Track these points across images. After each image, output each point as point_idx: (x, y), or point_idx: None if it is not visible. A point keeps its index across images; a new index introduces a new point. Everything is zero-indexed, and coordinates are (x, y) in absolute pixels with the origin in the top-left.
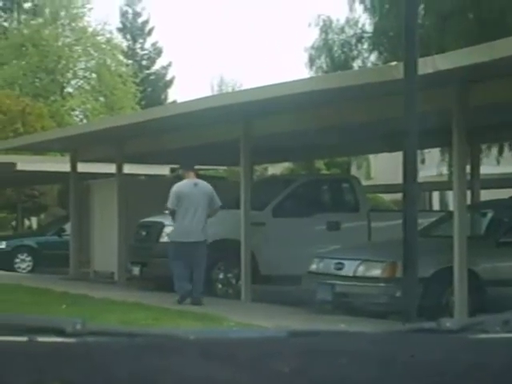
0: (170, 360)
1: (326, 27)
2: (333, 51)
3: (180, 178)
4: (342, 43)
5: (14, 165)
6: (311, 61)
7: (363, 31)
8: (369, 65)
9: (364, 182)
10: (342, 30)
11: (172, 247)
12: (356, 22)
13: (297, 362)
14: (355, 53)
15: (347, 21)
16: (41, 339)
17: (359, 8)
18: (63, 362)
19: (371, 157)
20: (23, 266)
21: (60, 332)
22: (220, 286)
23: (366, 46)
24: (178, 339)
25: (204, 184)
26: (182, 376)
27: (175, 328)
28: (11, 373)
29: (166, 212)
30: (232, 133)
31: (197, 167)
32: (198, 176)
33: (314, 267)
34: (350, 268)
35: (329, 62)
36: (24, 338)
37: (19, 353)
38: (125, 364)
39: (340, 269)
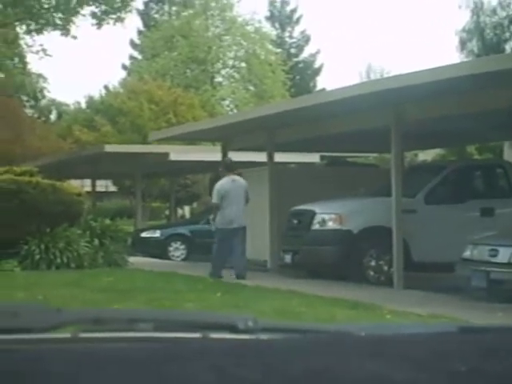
0: (343, 357)
1: (478, 9)
2: (484, 34)
3: (330, 165)
4: (494, 25)
5: (167, 155)
6: (462, 44)
7: None
8: None
9: None
10: (494, 11)
11: (218, 233)
12: (509, 4)
13: (473, 361)
14: (508, 35)
15: (499, 2)
16: (214, 336)
17: None
18: (237, 360)
19: None
20: (177, 254)
21: (232, 328)
22: (372, 273)
23: None
24: (350, 336)
25: (241, 180)
26: (357, 373)
27: (347, 324)
28: (188, 370)
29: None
30: (382, 119)
31: (347, 154)
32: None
33: (467, 254)
34: (504, 254)
35: (480, 45)
36: (198, 335)
37: (193, 350)
38: (299, 362)
39: (495, 255)
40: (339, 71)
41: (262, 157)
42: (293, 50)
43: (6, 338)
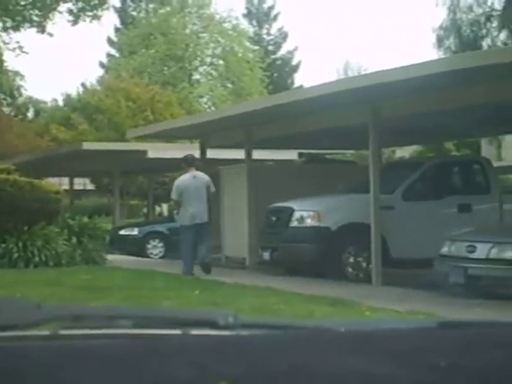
0: (323, 352)
1: (454, 6)
2: (461, 31)
3: (308, 162)
4: (470, 22)
5: (145, 152)
6: (439, 41)
7: (492, 9)
8: (498, 44)
9: (495, 164)
10: (471, 8)
11: (182, 229)
12: (485, 0)
13: (453, 356)
14: (484, 32)
15: None
16: (194, 332)
17: None
18: (218, 355)
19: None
20: (155, 251)
21: (213, 325)
22: (350, 269)
23: (495, 24)
24: (329, 331)
25: (202, 176)
26: (337, 369)
27: (326, 320)
28: (168, 366)
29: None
30: (360, 116)
31: (325, 151)
32: (197, 169)
33: (445, 250)
34: (482, 250)
35: (457, 42)
36: (178, 331)
37: (174, 346)
38: (279, 357)
39: (472, 251)
40: (317, 68)
41: (240, 154)
42: (270, 48)
43: None
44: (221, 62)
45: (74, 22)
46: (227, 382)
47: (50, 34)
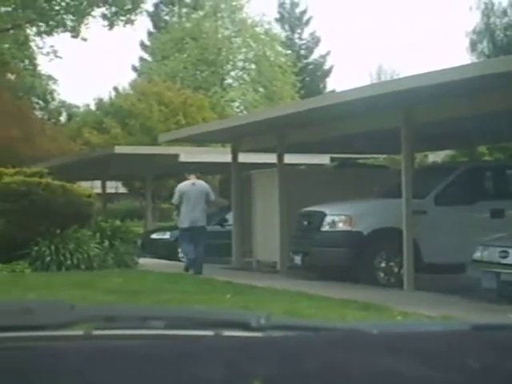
0: (356, 354)
1: (488, 10)
2: (495, 35)
3: (340, 167)
4: (504, 26)
5: (177, 156)
6: (473, 45)
7: None
8: None
9: None
10: (505, 12)
11: (180, 232)
12: None
13: (486, 358)
14: None
15: (510, 3)
16: (227, 333)
17: None
18: (250, 356)
19: None
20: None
21: (245, 326)
22: (382, 274)
23: None
24: (362, 333)
25: (201, 183)
26: (369, 371)
27: (359, 322)
28: (201, 367)
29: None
30: (392, 121)
31: (357, 156)
32: (199, 178)
33: (478, 255)
34: None
35: (491, 46)
36: (210, 332)
37: (207, 347)
38: (311, 359)
39: (505, 257)
40: (349, 73)
41: (272, 158)
42: (302, 52)
43: (20, 335)
44: (253, 66)
45: (110, 27)
46: (260, 382)
47: (84, 39)
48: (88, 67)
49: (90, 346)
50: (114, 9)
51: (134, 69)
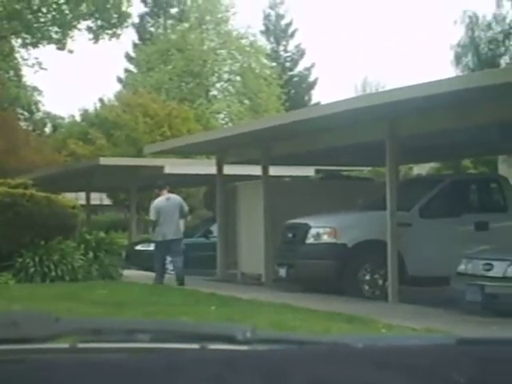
0: (340, 368)
1: (473, 24)
2: (479, 48)
3: (325, 179)
4: (489, 40)
5: (162, 168)
6: (457, 59)
7: (511, 27)
8: None
9: None
10: (489, 26)
11: (156, 245)
12: (504, 18)
13: (471, 372)
14: (503, 49)
15: (494, 17)
16: (212, 346)
17: (507, 4)
18: (236, 370)
19: None
20: (171, 267)
21: (231, 339)
22: (367, 287)
23: None
24: (347, 347)
25: (175, 197)
26: None
27: (343, 335)
28: (186, 380)
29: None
30: (377, 133)
31: (342, 168)
32: (171, 192)
33: (462, 268)
34: (499, 268)
35: (475, 59)
36: (196, 345)
37: (192, 360)
38: (296, 372)
39: (489, 269)
40: (334, 85)
41: (256, 170)
42: (288, 64)
43: (6, 348)
44: (238, 78)
45: (95, 40)
46: None
47: (71, 51)
48: (73, 78)
49: (76, 359)
50: (99, 22)
51: (119, 80)
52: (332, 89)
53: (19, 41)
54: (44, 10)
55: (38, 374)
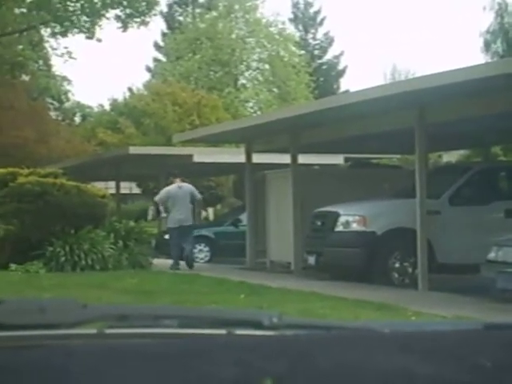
0: (367, 353)
1: (502, 10)
2: (509, 35)
3: (354, 167)
4: None
5: (191, 157)
6: (487, 45)
7: None
8: None
9: None
10: None
11: (169, 231)
12: None
13: (498, 357)
14: None
15: None
16: (239, 332)
17: None
18: (262, 355)
19: None
20: (201, 256)
21: (257, 325)
22: (396, 275)
23: None
24: (374, 332)
25: (187, 186)
26: (381, 369)
27: (370, 321)
28: (213, 365)
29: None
30: (406, 120)
31: (371, 156)
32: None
33: (492, 255)
34: None
35: (505, 46)
36: (223, 331)
37: (219, 345)
38: (323, 357)
39: None
40: (363, 73)
41: (285, 159)
42: (316, 52)
43: (33, 333)
44: (267, 66)
45: (124, 29)
46: (271, 380)
47: (99, 40)
48: (102, 68)
49: (103, 344)
50: (128, 11)
51: (148, 69)
52: (361, 77)
53: (48, 30)
54: None
55: (64, 359)
